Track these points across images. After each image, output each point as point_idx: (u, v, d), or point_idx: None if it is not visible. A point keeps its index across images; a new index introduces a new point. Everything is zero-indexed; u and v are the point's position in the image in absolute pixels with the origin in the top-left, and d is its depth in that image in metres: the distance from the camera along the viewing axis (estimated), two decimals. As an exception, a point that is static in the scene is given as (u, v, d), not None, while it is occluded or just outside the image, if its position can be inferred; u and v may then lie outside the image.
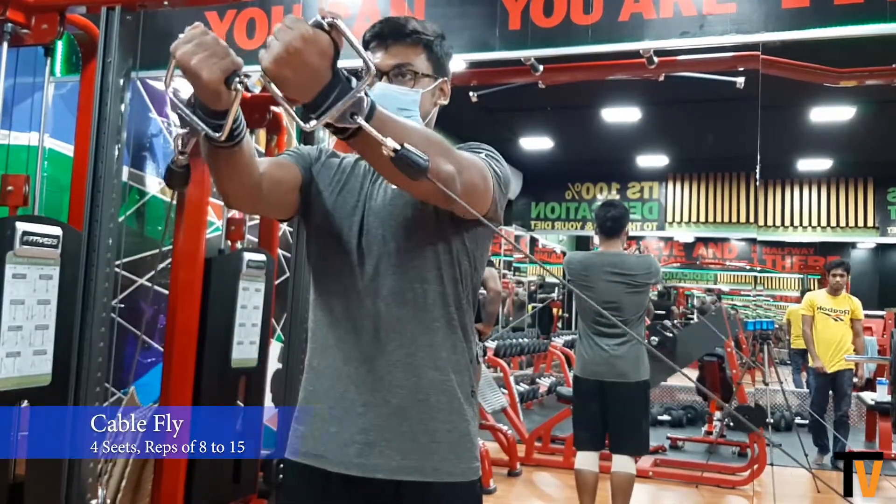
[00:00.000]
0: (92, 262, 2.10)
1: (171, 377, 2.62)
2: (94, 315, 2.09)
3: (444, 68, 1.20)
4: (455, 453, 1.12)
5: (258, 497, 2.89)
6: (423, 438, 1.10)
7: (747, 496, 4.34)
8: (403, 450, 1.10)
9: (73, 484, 2.06)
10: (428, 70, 1.17)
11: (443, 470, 1.11)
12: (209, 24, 2.47)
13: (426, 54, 1.17)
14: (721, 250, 10.95)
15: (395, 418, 1.10)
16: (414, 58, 1.16)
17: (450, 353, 1.14)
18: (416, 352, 1.11)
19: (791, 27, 2.07)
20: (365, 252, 1.13)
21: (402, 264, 1.12)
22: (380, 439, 1.10)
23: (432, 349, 1.12)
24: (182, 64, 0.88)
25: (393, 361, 1.11)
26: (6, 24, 2.11)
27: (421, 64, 1.16)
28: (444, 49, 1.20)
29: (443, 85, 1.21)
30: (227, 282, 2.69)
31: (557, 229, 9.39)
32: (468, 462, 1.14)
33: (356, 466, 1.10)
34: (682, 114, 6.73)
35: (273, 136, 3.22)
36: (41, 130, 2.33)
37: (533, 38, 2.26)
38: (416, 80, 1.16)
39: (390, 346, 1.11)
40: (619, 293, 3.14)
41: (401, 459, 1.10)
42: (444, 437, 1.12)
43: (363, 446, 1.10)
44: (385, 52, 1.15)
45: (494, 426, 4.75)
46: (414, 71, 1.15)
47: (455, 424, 1.13)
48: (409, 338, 1.11)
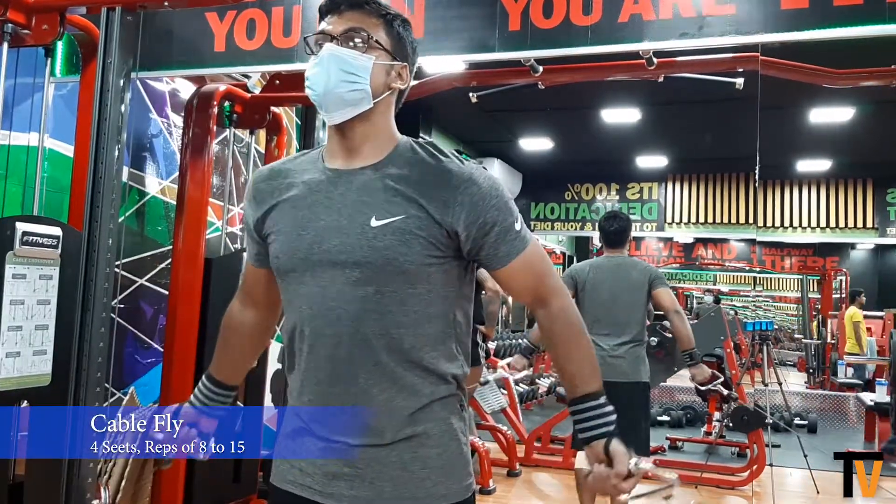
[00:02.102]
0: (92, 263, 2.10)
1: (171, 377, 2.62)
2: (93, 315, 2.09)
3: (404, 53, 1.13)
4: (448, 476, 1.08)
5: (258, 497, 2.89)
6: (413, 466, 1.06)
7: (746, 497, 4.34)
8: (395, 480, 1.06)
9: (72, 484, 2.06)
10: (385, 44, 1.10)
11: (437, 494, 1.07)
12: (209, 24, 2.47)
13: (385, 28, 1.11)
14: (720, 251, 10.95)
15: (384, 450, 1.06)
16: (370, 26, 1.10)
17: (439, 378, 1.08)
18: (399, 393, 1.06)
19: (790, 28, 2.07)
20: (335, 296, 1.06)
21: (381, 310, 1.05)
22: (369, 471, 1.06)
23: (419, 386, 1.07)
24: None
25: (376, 408, 1.06)
26: (7, 24, 2.12)
27: (378, 34, 1.10)
28: (407, 34, 1.14)
29: (401, 69, 1.13)
30: (228, 282, 2.69)
31: (557, 230, 9.38)
32: (461, 480, 1.10)
33: (347, 499, 1.06)
34: (682, 115, 6.72)
35: (273, 136, 3.22)
36: (41, 131, 2.34)
37: (532, 39, 2.26)
38: (370, 47, 1.09)
39: (373, 391, 1.05)
40: (620, 296, 3.16)
41: (392, 490, 1.06)
42: (436, 461, 1.07)
43: (353, 479, 1.06)
44: (339, 17, 1.10)
45: (494, 426, 4.75)
46: (368, 35, 1.09)
47: (446, 447, 1.08)
48: (390, 382, 1.05)
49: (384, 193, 1.07)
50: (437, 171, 1.07)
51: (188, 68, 2.61)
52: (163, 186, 3.19)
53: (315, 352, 1.08)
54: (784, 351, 12.57)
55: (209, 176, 2.87)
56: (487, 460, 4.20)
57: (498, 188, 1.09)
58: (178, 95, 3.20)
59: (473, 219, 1.06)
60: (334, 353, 1.07)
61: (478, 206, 1.06)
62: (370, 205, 1.06)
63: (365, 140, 1.11)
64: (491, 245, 1.08)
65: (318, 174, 1.13)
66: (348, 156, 1.12)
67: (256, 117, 3.06)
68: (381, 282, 1.05)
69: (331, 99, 1.09)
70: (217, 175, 3.39)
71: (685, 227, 8.77)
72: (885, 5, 1.97)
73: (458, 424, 1.11)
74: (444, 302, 1.09)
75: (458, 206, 1.05)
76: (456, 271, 1.10)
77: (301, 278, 1.09)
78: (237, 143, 3.49)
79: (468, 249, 1.08)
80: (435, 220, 1.05)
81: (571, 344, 1.12)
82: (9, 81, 2.23)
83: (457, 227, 1.06)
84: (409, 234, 1.04)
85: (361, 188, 1.08)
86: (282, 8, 2.43)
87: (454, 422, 1.11)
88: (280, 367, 3.37)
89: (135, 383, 3.02)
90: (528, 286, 1.13)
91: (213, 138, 2.88)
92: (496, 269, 1.11)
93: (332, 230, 1.07)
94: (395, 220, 1.05)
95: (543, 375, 7.21)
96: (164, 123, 3.19)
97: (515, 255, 1.09)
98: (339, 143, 1.13)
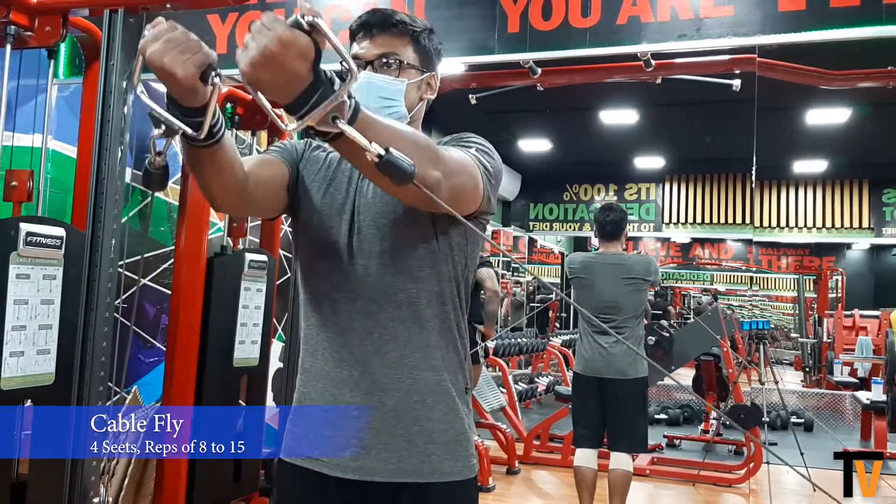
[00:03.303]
0: (95, 263, 2.11)
1: (173, 376, 2.63)
2: (97, 315, 2.10)
3: (431, 62, 1.17)
4: (452, 453, 1.11)
5: (260, 496, 2.90)
6: (419, 440, 1.09)
7: (743, 494, 4.37)
8: (400, 452, 1.09)
9: (75, 483, 2.07)
10: (414, 61, 1.14)
11: (441, 470, 1.10)
12: (211, 26, 2.49)
13: (413, 46, 1.14)
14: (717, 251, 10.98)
15: (391, 421, 1.09)
16: (400, 48, 1.13)
17: (444, 352, 1.12)
18: (411, 353, 1.09)
19: (787, 30, 2.09)
20: (356, 251, 1.10)
21: (395, 263, 1.09)
22: (376, 442, 1.09)
23: (427, 350, 1.10)
24: (153, 63, 0.82)
25: (387, 363, 1.09)
26: (9, 26, 2.13)
27: (407, 55, 1.13)
28: (433, 43, 1.18)
29: (430, 79, 1.18)
30: (229, 282, 2.71)
31: (556, 230, 9.41)
32: (465, 460, 1.13)
33: (353, 470, 1.09)
34: (679, 116, 6.75)
35: (275, 138, 3.23)
36: (44, 132, 2.35)
37: (531, 41, 2.28)
38: (402, 70, 1.13)
39: (384, 349, 1.09)
40: (618, 292, 3.17)
41: (398, 462, 1.08)
42: (441, 437, 1.10)
43: (359, 450, 1.09)
44: (371, 42, 1.13)
45: (493, 425, 4.77)
46: (399, 60, 1.13)
47: (451, 424, 1.11)
48: (403, 339, 1.09)
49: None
50: None
51: (190, 69, 2.62)
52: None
53: (332, 306, 1.12)
54: (780, 350, 12.60)
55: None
56: (487, 458, 4.21)
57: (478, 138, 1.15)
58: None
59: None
60: (351, 307, 1.10)
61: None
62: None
63: None
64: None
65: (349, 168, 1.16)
66: None
67: (258, 119, 3.07)
68: (394, 237, 1.09)
69: None
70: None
71: (682, 228, 8.80)
72: (882, 7, 1.99)
73: (462, 406, 1.14)
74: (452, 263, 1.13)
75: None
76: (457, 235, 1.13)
77: (327, 234, 1.12)
78: (239, 145, 3.51)
79: None
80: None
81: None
82: (12, 83, 2.24)
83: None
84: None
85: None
86: (283, 10, 2.45)
87: (459, 402, 1.14)
88: (281, 366, 3.39)
89: (138, 382, 3.04)
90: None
91: (214, 139, 2.89)
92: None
93: (360, 193, 1.13)
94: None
95: (542, 374, 7.23)
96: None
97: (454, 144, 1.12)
98: None
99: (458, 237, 1.13)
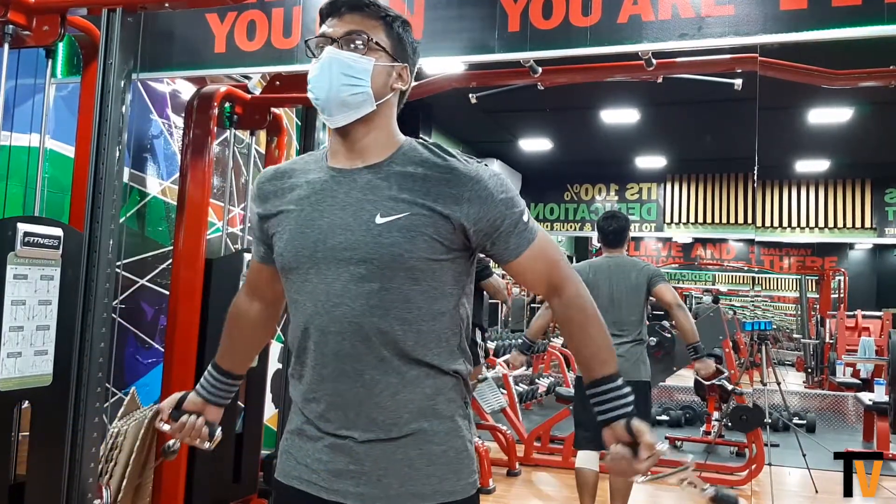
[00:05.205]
0: (93, 263, 2.10)
1: (171, 377, 2.62)
2: (94, 315, 2.09)
3: (405, 54, 1.14)
4: (454, 472, 1.09)
5: (258, 497, 2.89)
6: (419, 463, 1.07)
7: (745, 496, 4.35)
8: (401, 477, 1.06)
9: (73, 484, 2.06)
10: (385, 45, 1.11)
11: (442, 490, 1.08)
12: (209, 25, 2.48)
13: (385, 30, 1.12)
14: (719, 251, 10.95)
15: (391, 447, 1.07)
16: (370, 28, 1.10)
17: (442, 375, 1.09)
18: (404, 387, 1.06)
19: (789, 29, 2.08)
20: (340, 292, 1.06)
21: (385, 306, 1.05)
22: (375, 469, 1.07)
23: (423, 379, 1.07)
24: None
25: (382, 402, 1.06)
26: (7, 25, 2.12)
27: (378, 36, 1.11)
28: (408, 35, 1.15)
29: (402, 70, 1.14)
30: (228, 282, 2.70)
31: (557, 230, 9.39)
32: (467, 477, 1.11)
33: (353, 496, 1.07)
34: (681, 115, 6.74)
35: (273, 137, 3.23)
36: (42, 132, 2.34)
37: (532, 40, 2.26)
38: (370, 49, 1.10)
39: (379, 387, 1.06)
40: (620, 295, 3.17)
41: (399, 487, 1.06)
42: (441, 458, 1.08)
43: (359, 476, 1.07)
44: (339, 20, 1.11)
45: (494, 426, 4.76)
46: (368, 38, 1.10)
47: (451, 444, 1.09)
48: (395, 377, 1.06)
49: (388, 191, 1.07)
50: (443, 169, 1.08)
51: (189, 69, 2.61)
52: (163, 187, 3.20)
53: (320, 349, 1.09)
54: (783, 350, 12.58)
55: (210, 177, 2.88)
56: (487, 460, 4.21)
57: (504, 183, 1.11)
58: (178, 96, 3.20)
59: (482, 215, 1.07)
60: (339, 349, 1.07)
61: (486, 202, 1.07)
62: (374, 202, 1.07)
63: (367, 141, 1.12)
64: (502, 239, 1.10)
65: (321, 174, 1.14)
66: (351, 157, 1.13)
67: (257, 118, 3.06)
68: (385, 278, 1.05)
69: (333, 102, 1.09)
70: (217, 176, 3.40)
71: (684, 228, 8.78)
72: (884, 6, 1.98)
73: (462, 422, 1.12)
74: (447, 299, 1.10)
75: (466, 203, 1.06)
76: (459, 268, 1.11)
77: (306, 276, 1.10)
78: (237, 144, 3.49)
79: (478, 243, 1.10)
80: (442, 215, 1.06)
81: (587, 329, 1.15)
82: (10, 82, 2.23)
83: (465, 223, 1.07)
84: (414, 230, 1.05)
85: (365, 187, 1.09)
86: (282, 9, 2.44)
87: (459, 419, 1.12)
88: (280, 367, 3.38)
89: (136, 383, 3.03)
90: (541, 275, 1.14)
91: (213, 139, 2.89)
92: (509, 261, 1.12)
93: (337, 227, 1.08)
94: (400, 217, 1.05)
95: (543, 375, 7.22)
96: (165, 124, 3.19)
97: (526, 245, 1.11)
98: (341, 145, 1.14)
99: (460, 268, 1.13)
